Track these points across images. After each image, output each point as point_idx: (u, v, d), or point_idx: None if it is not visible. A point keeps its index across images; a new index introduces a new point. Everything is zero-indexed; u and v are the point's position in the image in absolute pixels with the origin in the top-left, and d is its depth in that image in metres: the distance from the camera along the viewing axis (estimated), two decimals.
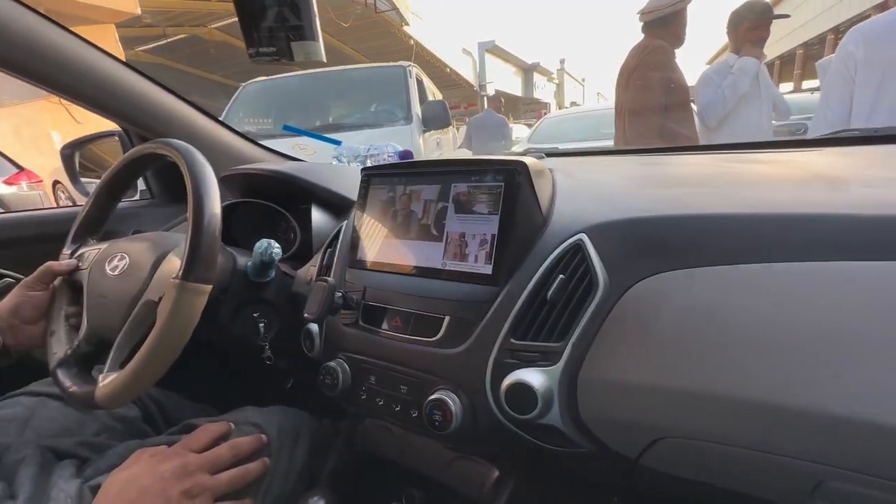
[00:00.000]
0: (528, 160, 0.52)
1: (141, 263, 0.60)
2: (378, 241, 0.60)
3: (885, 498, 0.38)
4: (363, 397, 0.56)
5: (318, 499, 0.50)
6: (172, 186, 1.05)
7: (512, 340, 0.47)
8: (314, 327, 0.63)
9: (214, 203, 0.56)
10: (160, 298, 0.55)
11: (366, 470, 0.65)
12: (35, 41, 0.76)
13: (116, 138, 1.02)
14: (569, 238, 0.49)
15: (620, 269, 0.47)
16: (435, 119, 3.03)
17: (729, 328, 0.42)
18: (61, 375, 0.60)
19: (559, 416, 0.46)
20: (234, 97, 3.34)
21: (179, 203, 1.04)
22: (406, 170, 0.59)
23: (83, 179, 1.12)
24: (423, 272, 0.54)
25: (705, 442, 0.43)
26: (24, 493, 0.49)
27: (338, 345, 0.59)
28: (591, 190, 0.59)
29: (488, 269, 0.50)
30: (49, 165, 5.89)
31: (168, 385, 0.89)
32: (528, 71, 20.24)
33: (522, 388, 0.45)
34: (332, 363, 0.56)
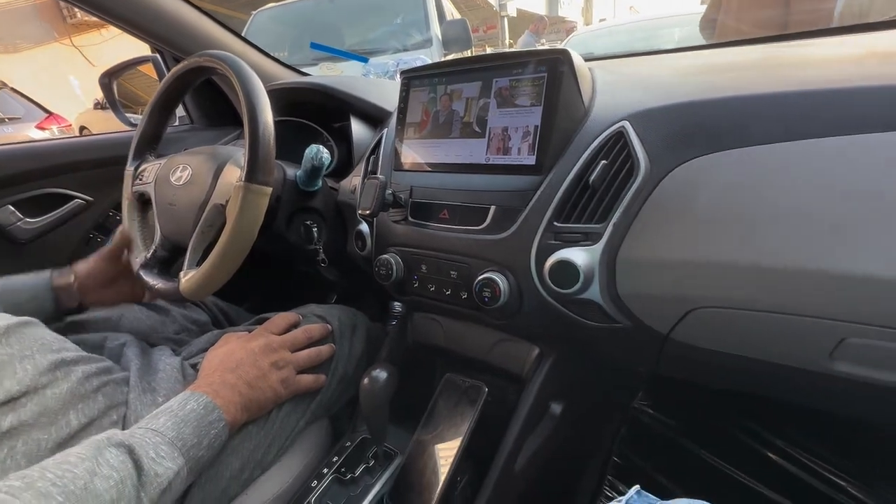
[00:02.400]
0: (571, 50, 0.52)
1: (203, 173, 0.65)
2: (422, 143, 0.62)
3: None
4: (415, 285, 0.61)
5: (381, 370, 0.57)
6: (210, 111, 1.08)
7: (555, 223, 0.50)
8: (365, 227, 0.68)
9: (267, 110, 0.59)
10: (227, 201, 0.60)
11: (417, 356, 0.73)
12: None
13: (151, 64, 1.03)
14: (611, 126, 0.51)
15: (662, 154, 0.49)
16: (456, 40, 2.87)
17: (764, 203, 0.44)
18: (145, 276, 0.67)
19: (598, 292, 0.50)
20: (246, 26, 3.23)
21: (218, 127, 1.07)
22: (447, 69, 0.60)
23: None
24: (467, 168, 0.57)
25: (736, 310, 0.47)
26: (135, 366, 0.58)
27: (389, 241, 0.64)
28: (632, 81, 0.59)
29: (532, 160, 0.52)
30: (73, 111, 5.95)
31: (230, 298, 0.98)
32: None
33: (565, 265, 0.49)
34: (385, 255, 0.61)
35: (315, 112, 0.92)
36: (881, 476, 0.82)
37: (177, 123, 1.12)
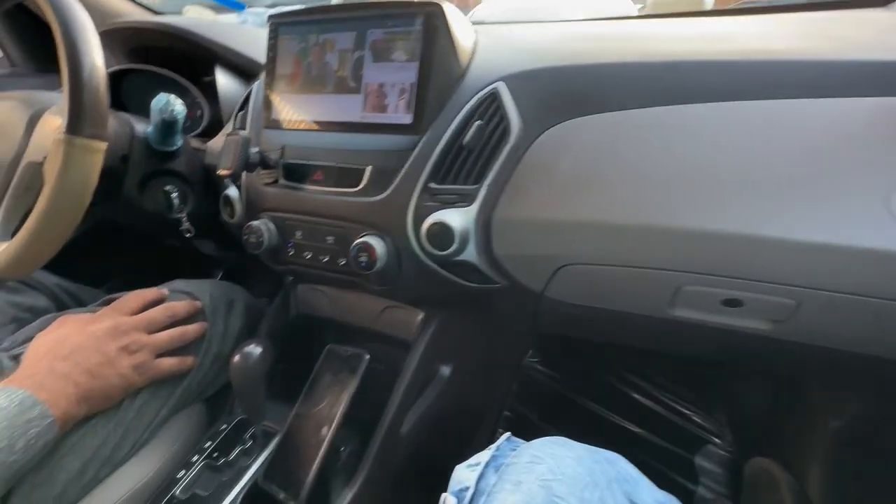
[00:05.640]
0: (446, 4, 0.51)
1: (12, 122, 0.53)
2: (293, 99, 0.56)
3: (722, 293, 0.49)
4: (291, 253, 0.57)
5: (254, 346, 0.52)
6: (37, 52, 0.88)
7: (431, 185, 0.49)
8: (233, 192, 0.61)
9: (94, 49, 0.48)
10: (45, 158, 0.49)
11: (302, 329, 0.69)
12: None
13: None
14: (486, 86, 0.50)
15: (533, 117, 0.50)
16: None
17: (621, 166, 0.48)
18: None
19: (475, 253, 0.51)
20: None
21: (50, 73, 0.88)
22: (318, 16, 0.55)
23: None
24: (342, 127, 0.53)
25: (595, 265, 0.51)
26: None
27: (260, 206, 0.58)
28: (510, 45, 0.59)
29: (408, 119, 0.50)
30: None
31: (83, 278, 0.84)
32: None
33: (442, 228, 0.48)
34: (256, 222, 0.56)
35: (180, 62, 0.80)
36: (716, 404, 0.99)
37: None
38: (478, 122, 0.49)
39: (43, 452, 0.42)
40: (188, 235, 0.66)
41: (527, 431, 0.47)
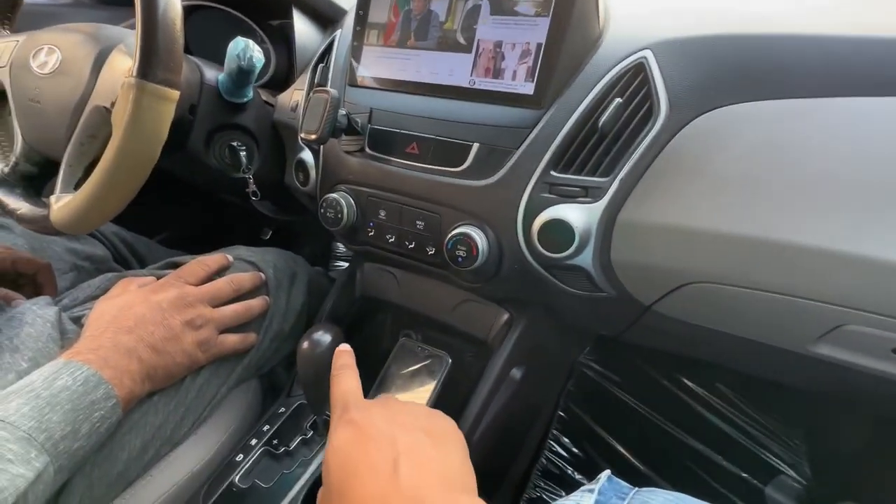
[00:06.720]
0: None
1: (78, 59, 0.47)
2: (387, 53, 0.48)
3: (889, 336, 0.39)
4: (371, 234, 0.50)
5: (324, 332, 0.47)
6: None
7: (552, 173, 0.41)
8: (308, 156, 0.54)
9: None
10: (113, 104, 0.44)
11: (366, 312, 0.64)
12: None
13: None
14: (630, 55, 0.41)
15: (686, 97, 0.40)
16: None
17: (799, 169, 0.38)
18: (3, 196, 0.50)
19: (591, 259, 0.43)
20: None
21: (115, 6, 0.82)
22: None
23: None
24: (445, 91, 0.45)
25: (734, 287, 0.42)
26: None
27: (339, 176, 0.51)
28: (662, 3, 0.48)
29: (529, 88, 0.41)
30: None
31: (138, 227, 0.81)
32: None
33: (559, 226, 0.40)
34: (334, 195, 0.49)
35: (247, 3, 0.73)
36: (796, 431, 0.90)
37: None
38: (617, 100, 0.39)
39: (105, 436, 0.39)
40: (255, 198, 0.61)
41: (580, 434, 0.40)
